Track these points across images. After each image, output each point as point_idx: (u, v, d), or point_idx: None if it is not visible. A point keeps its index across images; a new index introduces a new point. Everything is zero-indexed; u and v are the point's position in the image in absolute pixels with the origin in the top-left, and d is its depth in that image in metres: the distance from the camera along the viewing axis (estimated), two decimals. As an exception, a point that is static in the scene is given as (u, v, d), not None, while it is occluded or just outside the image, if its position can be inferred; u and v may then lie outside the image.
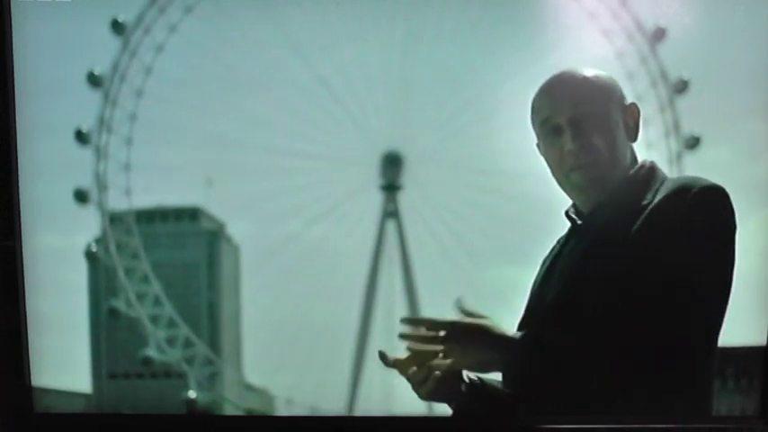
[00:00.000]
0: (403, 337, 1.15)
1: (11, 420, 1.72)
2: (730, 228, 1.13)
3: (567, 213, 1.28)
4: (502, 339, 1.15)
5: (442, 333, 1.14)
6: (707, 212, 1.12)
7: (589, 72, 1.24)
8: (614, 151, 1.20)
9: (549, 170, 1.27)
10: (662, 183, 1.18)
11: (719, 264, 1.13)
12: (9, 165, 1.66)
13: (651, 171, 1.21)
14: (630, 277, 1.13)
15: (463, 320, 1.17)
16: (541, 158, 1.30)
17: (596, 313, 1.15)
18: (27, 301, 1.71)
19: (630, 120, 1.24)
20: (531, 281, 1.32)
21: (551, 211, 1.34)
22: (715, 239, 1.13)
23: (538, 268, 1.34)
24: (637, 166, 1.21)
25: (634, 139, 1.24)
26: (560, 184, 1.26)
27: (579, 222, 1.25)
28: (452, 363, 1.14)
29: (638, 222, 1.14)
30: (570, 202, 1.30)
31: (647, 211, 1.14)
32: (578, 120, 1.20)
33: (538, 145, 1.29)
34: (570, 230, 1.27)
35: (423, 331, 1.15)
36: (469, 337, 1.14)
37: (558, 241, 1.32)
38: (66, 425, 1.76)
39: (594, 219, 1.21)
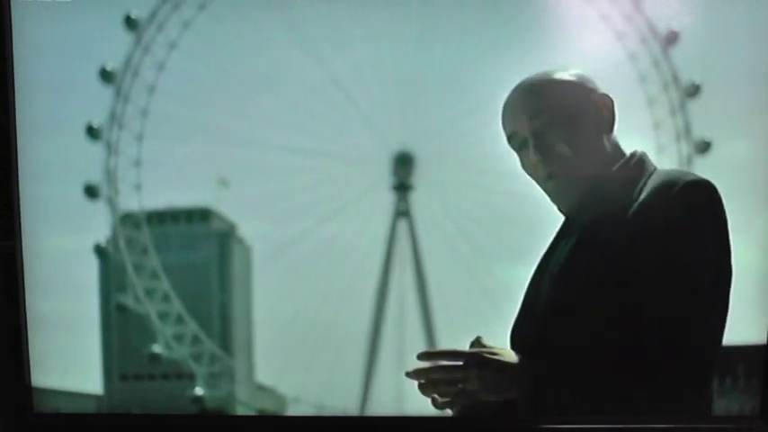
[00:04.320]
0: (419, 372, 1.19)
1: (11, 420, 1.76)
2: (719, 220, 1.15)
3: (559, 208, 1.32)
4: (516, 364, 1.19)
5: (460, 362, 1.17)
6: (692, 208, 1.14)
7: (547, 76, 1.27)
8: (584, 152, 1.23)
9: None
10: (649, 176, 1.21)
11: (710, 259, 1.15)
12: (9, 164, 1.71)
13: (640, 164, 1.23)
14: (621, 276, 1.16)
15: (480, 350, 1.20)
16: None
17: (588, 313, 1.19)
18: (29, 301, 1.75)
19: (605, 112, 1.26)
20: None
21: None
22: (703, 234, 1.15)
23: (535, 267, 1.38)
24: (624, 160, 1.24)
25: (610, 130, 1.27)
26: (543, 191, 1.30)
27: (568, 219, 1.28)
28: (472, 390, 1.18)
29: (626, 219, 1.17)
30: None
31: (633, 208, 1.17)
32: (538, 130, 1.23)
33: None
34: (562, 226, 1.31)
35: (441, 362, 1.19)
36: (487, 364, 1.18)
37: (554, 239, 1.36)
38: (66, 424, 1.81)
39: (581, 216, 1.25)
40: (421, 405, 1.84)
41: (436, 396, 1.21)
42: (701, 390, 1.18)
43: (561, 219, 1.36)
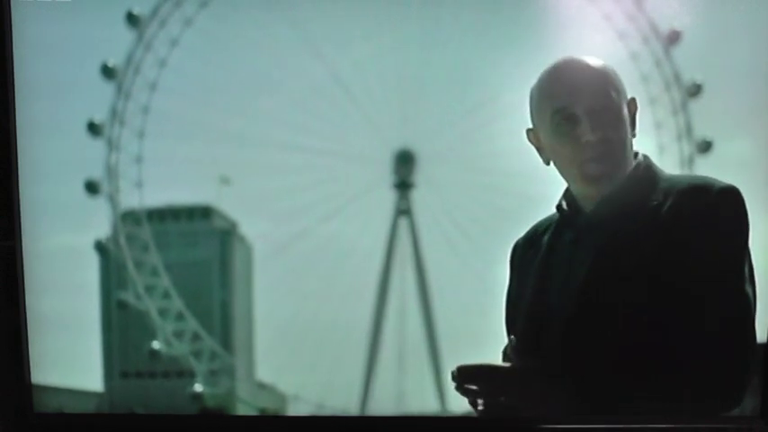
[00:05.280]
0: (465, 376, 1.20)
1: (11, 420, 1.77)
2: (748, 224, 1.18)
3: (559, 207, 1.31)
4: (557, 378, 1.20)
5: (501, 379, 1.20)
6: (729, 213, 1.16)
7: (597, 62, 1.28)
8: (626, 144, 1.25)
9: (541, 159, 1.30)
10: (662, 179, 1.22)
11: (744, 260, 1.17)
12: (9, 164, 1.71)
13: (649, 167, 1.25)
14: (659, 280, 1.16)
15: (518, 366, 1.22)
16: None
17: (623, 313, 1.19)
18: (29, 300, 1.76)
19: (630, 115, 1.27)
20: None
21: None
22: (740, 238, 1.17)
23: (510, 261, 1.37)
24: (635, 163, 1.25)
25: (634, 134, 1.28)
26: (566, 174, 1.28)
27: (578, 218, 1.27)
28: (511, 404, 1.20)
29: (657, 222, 1.18)
30: (559, 195, 1.33)
31: (663, 212, 1.18)
32: (597, 110, 1.23)
33: (529, 131, 1.31)
34: (562, 226, 1.30)
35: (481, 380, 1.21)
36: (530, 382, 1.19)
37: (535, 236, 1.34)
38: (66, 424, 1.81)
39: (599, 217, 1.24)
40: (421, 404, 1.85)
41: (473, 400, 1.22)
42: (741, 389, 1.19)
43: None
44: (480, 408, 1.22)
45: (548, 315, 1.27)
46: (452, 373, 1.22)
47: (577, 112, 1.24)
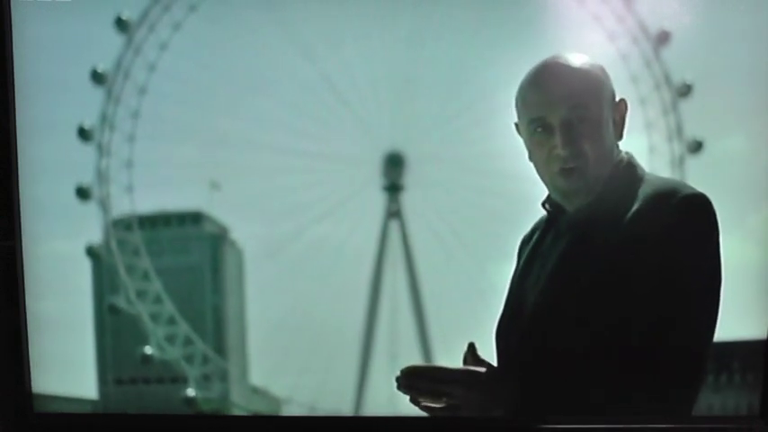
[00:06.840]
0: (406, 378, 1.19)
1: (11, 420, 1.76)
2: (712, 234, 1.15)
3: (543, 204, 1.30)
4: (501, 385, 1.19)
5: (445, 379, 1.19)
6: (688, 222, 1.14)
7: (581, 65, 1.24)
8: (602, 155, 1.21)
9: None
10: (641, 182, 1.20)
11: (703, 270, 1.15)
12: (9, 164, 1.70)
13: (630, 167, 1.23)
14: (615, 282, 1.15)
15: (468, 368, 1.22)
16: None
17: (579, 315, 1.18)
18: (27, 302, 1.75)
19: (618, 116, 1.25)
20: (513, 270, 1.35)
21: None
22: (697, 247, 1.15)
23: (516, 255, 1.36)
24: (615, 162, 1.23)
25: (620, 137, 1.25)
26: (542, 179, 1.27)
27: (559, 215, 1.26)
28: (455, 406, 1.19)
29: (621, 227, 1.16)
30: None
31: (628, 216, 1.16)
32: (571, 123, 1.20)
33: (517, 124, 1.29)
34: (549, 221, 1.29)
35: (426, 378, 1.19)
36: (472, 385, 1.18)
37: (535, 230, 1.34)
38: (66, 425, 1.80)
39: (577, 218, 1.23)
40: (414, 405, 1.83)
41: (421, 402, 1.22)
42: (689, 391, 1.18)
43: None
44: (423, 407, 1.23)
45: (517, 315, 1.26)
46: (397, 376, 1.21)
47: (553, 123, 1.22)
